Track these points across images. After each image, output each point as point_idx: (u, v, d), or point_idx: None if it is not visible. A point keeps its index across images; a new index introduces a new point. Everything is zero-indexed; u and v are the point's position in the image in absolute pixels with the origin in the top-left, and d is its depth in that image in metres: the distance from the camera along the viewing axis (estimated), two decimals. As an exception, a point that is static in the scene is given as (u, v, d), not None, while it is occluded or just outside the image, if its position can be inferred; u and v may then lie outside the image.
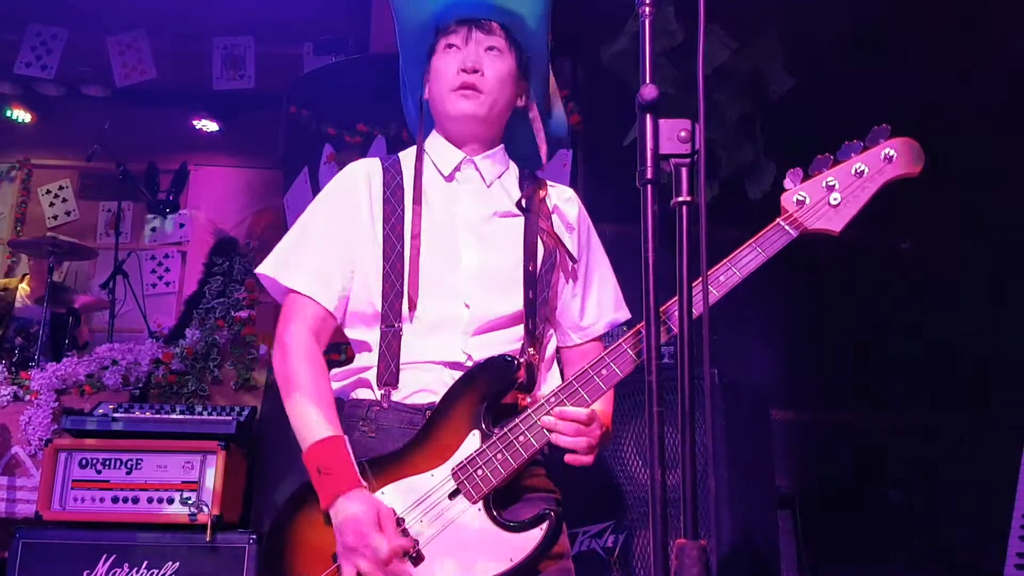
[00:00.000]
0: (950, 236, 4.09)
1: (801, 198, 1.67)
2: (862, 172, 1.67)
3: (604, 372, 1.62)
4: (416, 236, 1.76)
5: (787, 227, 1.66)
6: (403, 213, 1.79)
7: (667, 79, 3.41)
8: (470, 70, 1.78)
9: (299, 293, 1.77)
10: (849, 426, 3.94)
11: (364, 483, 1.62)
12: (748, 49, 3.68)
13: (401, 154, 1.91)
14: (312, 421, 1.67)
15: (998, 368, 3.74)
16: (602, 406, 1.74)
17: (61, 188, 7.62)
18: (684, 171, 1.24)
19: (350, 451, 1.65)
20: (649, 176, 1.23)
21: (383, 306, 1.74)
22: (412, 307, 1.72)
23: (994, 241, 3.81)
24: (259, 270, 1.82)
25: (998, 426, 3.69)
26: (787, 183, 1.70)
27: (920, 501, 3.78)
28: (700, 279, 1.41)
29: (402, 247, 1.76)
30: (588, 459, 1.66)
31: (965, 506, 3.83)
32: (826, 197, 1.67)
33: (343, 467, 1.62)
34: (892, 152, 1.67)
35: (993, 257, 3.84)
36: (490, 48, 1.81)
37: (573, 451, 1.64)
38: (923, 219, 4.02)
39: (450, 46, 1.81)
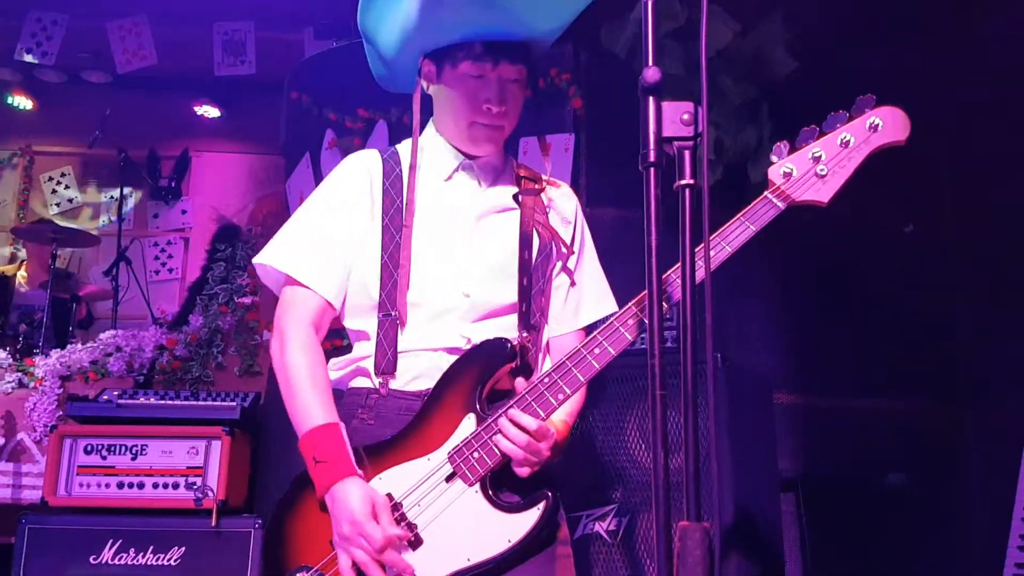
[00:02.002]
0: (955, 222, 4.08)
1: (788, 170, 1.67)
2: (848, 142, 1.67)
3: (597, 351, 1.62)
4: (408, 227, 1.76)
5: (775, 200, 1.66)
6: (401, 204, 1.79)
7: (671, 62, 3.39)
8: (496, 106, 1.74)
9: (298, 283, 1.77)
10: (852, 410, 3.93)
11: (360, 471, 1.63)
12: (752, 31, 3.66)
13: (399, 146, 1.90)
14: (308, 409, 1.68)
15: (1004, 356, 3.74)
16: (569, 408, 1.73)
17: (63, 175, 7.62)
18: (687, 154, 1.23)
19: (346, 439, 1.65)
20: (652, 159, 1.22)
21: (381, 295, 1.74)
22: (404, 293, 1.72)
23: (999, 228, 3.80)
24: (257, 259, 1.82)
25: (1002, 414, 3.69)
26: (773, 156, 1.69)
27: (923, 486, 3.78)
28: (702, 246, 1.41)
29: (400, 238, 1.76)
30: (525, 471, 1.63)
31: (968, 491, 3.83)
32: (813, 168, 1.66)
33: (338, 455, 1.62)
34: (878, 121, 1.67)
35: (997, 245, 3.82)
36: (513, 80, 1.76)
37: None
38: (927, 204, 4.01)
39: (476, 77, 1.74)
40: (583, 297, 1.92)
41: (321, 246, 1.78)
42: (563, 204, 1.91)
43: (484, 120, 1.76)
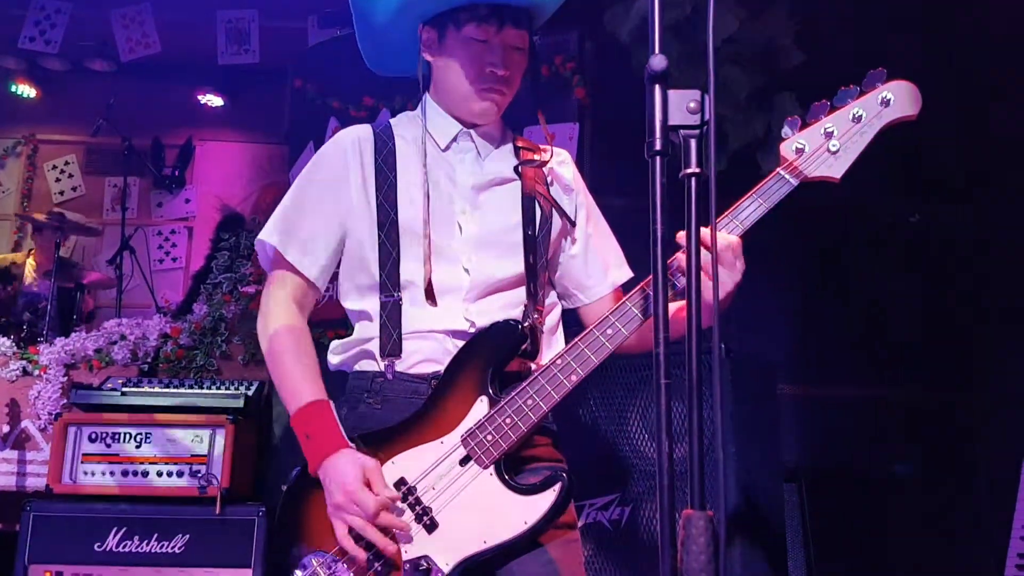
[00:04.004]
0: (960, 211, 4.07)
1: (800, 146, 1.63)
2: (860, 117, 1.63)
3: (609, 332, 1.61)
4: (426, 195, 1.74)
5: (787, 176, 1.63)
6: (395, 180, 1.76)
7: (672, 52, 3.37)
8: (501, 69, 1.73)
9: (283, 263, 1.78)
10: (856, 401, 3.93)
11: (351, 444, 1.63)
12: (758, 20, 3.64)
13: (393, 120, 1.88)
14: (297, 387, 1.69)
15: (1009, 346, 3.73)
16: None
17: (67, 163, 7.62)
18: (693, 143, 1.23)
19: (335, 414, 1.67)
20: (658, 148, 1.22)
21: (381, 276, 1.73)
22: (428, 279, 1.71)
23: (1004, 216, 3.78)
24: (258, 237, 1.83)
25: (1007, 405, 3.69)
26: (785, 131, 1.65)
27: (927, 477, 3.79)
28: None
29: (396, 215, 1.74)
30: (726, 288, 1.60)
31: (972, 482, 3.83)
32: (825, 144, 1.63)
33: (328, 429, 1.64)
34: (889, 95, 1.63)
35: (1010, 238, 3.81)
36: (516, 47, 1.76)
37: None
38: (932, 193, 4.00)
39: (480, 40, 1.73)
40: (607, 257, 1.91)
41: (305, 224, 1.78)
42: (562, 171, 1.90)
43: (488, 84, 1.74)
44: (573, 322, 1.92)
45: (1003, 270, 3.78)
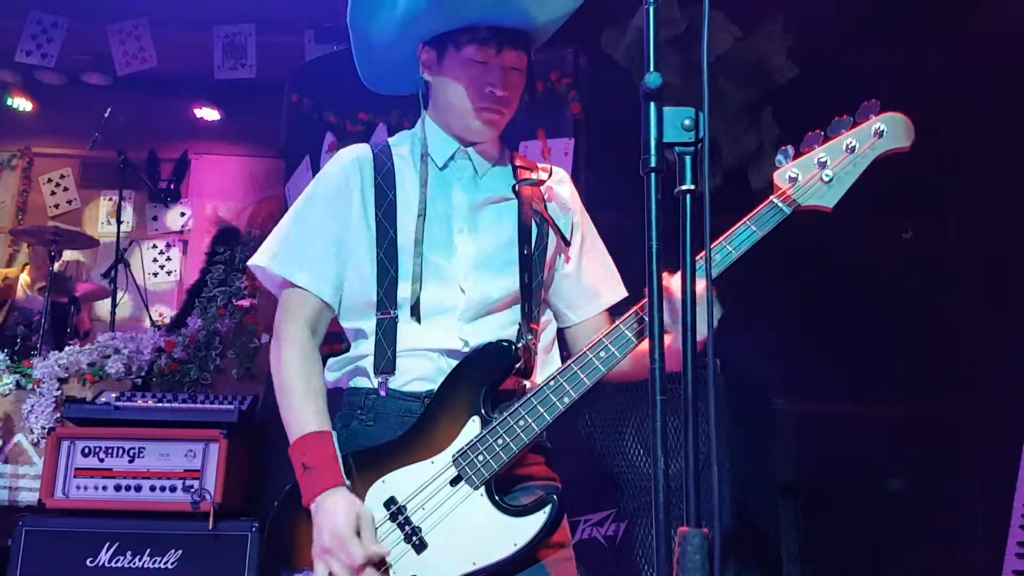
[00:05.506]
0: (955, 224, 4.08)
1: (793, 175, 1.64)
2: (853, 147, 1.64)
3: (603, 354, 1.61)
4: (422, 216, 1.74)
5: (781, 204, 1.64)
6: (395, 199, 1.77)
7: (670, 68, 3.39)
8: (500, 90, 1.74)
9: (295, 286, 1.77)
10: (850, 415, 3.93)
11: (347, 482, 1.62)
12: (752, 37, 3.67)
13: (391, 140, 1.89)
14: (301, 414, 1.68)
15: (1003, 362, 3.74)
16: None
17: (62, 177, 7.62)
18: (688, 160, 1.23)
19: (336, 448, 1.65)
20: (652, 165, 1.22)
21: (378, 293, 1.73)
22: (416, 294, 1.71)
23: (999, 229, 3.80)
24: (252, 262, 1.82)
25: (1001, 421, 3.69)
26: (779, 160, 1.67)
27: (921, 491, 3.78)
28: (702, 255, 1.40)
29: (395, 233, 1.74)
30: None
31: (967, 497, 3.83)
32: (818, 174, 1.64)
33: (327, 464, 1.62)
34: (882, 127, 1.65)
35: (996, 248, 3.83)
36: (515, 68, 1.77)
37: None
38: (926, 207, 4.01)
39: (480, 62, 1.74)
40: (600, 278, 1.91)
41: (315, 245, 1.78)
42: (560, 190, 1.91)
43: (487, 104, 1.75)
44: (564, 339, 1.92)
45: (998, 284, 3.79)
